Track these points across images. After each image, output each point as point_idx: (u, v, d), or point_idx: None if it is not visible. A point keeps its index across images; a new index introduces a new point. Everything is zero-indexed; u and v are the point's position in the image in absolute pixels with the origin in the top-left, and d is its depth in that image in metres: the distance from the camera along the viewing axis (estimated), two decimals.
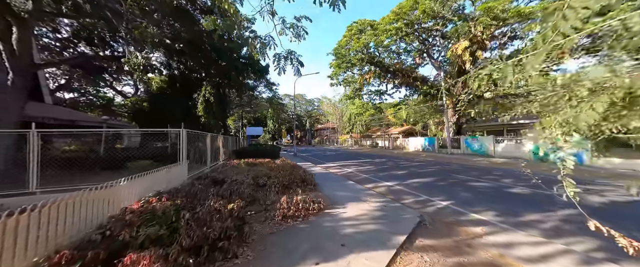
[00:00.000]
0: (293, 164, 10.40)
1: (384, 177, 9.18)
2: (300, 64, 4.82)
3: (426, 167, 12.14)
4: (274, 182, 6.45)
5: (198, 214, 3.12)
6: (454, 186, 7.31)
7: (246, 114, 42.95)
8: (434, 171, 10.61)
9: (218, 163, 11.29)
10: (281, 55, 4.63)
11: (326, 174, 9.84)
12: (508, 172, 10.03)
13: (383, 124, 43.58)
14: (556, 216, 4.47)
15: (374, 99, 31.79)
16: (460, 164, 13.30)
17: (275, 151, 15.98)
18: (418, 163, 14.13)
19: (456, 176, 9.06)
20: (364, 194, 6.13)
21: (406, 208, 4.92)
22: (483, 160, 15.82)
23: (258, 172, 8.21)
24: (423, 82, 23.06)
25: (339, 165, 13.98)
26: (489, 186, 7.27)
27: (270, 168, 9.05)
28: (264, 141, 52.21)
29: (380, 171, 10.92)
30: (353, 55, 21.69)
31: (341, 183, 7.78)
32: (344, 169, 12.03)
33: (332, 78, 26.78)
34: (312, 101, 78.34)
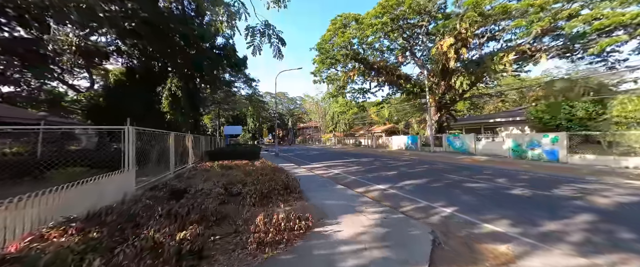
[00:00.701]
0: (274, 167, 9.27)
1: (374, 179, 8.43)
2: (281, 43, 3.80)
3: (414, 166, 11.68)
4: (251, 190, 5.32)
5: (119, 257, 1.97)
6: (451, 188, 6.75)
7: (224, 112, 40.39)
8: (424, 171, 10.13)
9: (186, 167, 9.78)
10: (257, 30, 3.55)
11: (312, 177, 8.87)
12: (498, 171, 9.84)
13: (366, 123, 43.66)
14: (577, 224, 3.95)
15: (357, 97, 31.37)
16: (446, 163, 13.09)
17: (254, 151, 14.64)
18: (405, 162, 13.72)
19: (449, 176, 8.60)
20: (358, 202, 5.26)
21: (410, 221, 4.11)
22: (466, 158, 15.92)
23: (232, 177, 7.00)
24: (406, 80, 23.01)
25: (325, 166, 13.09)
26: (486, 187, 6.81)
27: (247, 172, 7.85)
28: (244, 140, 49.75)
29: (369, 172, 10.21)
30: (337, 51, 20.89)
31: (329, 188, 6.85)
32: (331, 170, 11.16)
33: (316, 75, 25.81)
34: (294, 99, 76.73)
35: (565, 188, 6.45)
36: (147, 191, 5.12)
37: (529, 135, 14.67)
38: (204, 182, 5.88)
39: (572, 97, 13.97)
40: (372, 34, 17.63)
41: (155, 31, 8.37)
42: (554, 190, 6.27)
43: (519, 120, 20.18)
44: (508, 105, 39.72)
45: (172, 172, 7.66)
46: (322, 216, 4.24)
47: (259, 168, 8.90)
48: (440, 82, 19.77)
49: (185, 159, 10.18)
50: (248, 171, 7.89)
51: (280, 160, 16.19)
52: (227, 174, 7.59)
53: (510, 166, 11.92)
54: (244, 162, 11.32)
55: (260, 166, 10.30)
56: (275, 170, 7.94)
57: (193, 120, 16.17)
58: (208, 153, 13.41)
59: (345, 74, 25.13)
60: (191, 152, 10.78)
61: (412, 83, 22.61)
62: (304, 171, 10.53)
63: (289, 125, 71.12)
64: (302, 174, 9.73)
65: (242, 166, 10.24)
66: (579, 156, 12.19)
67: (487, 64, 15.46)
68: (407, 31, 19.22)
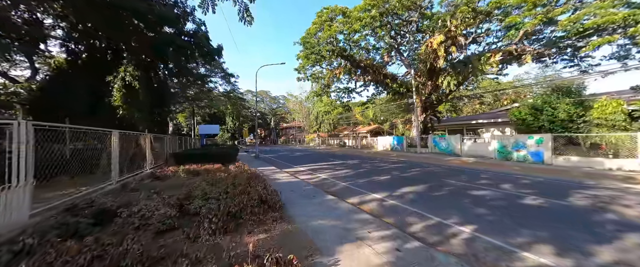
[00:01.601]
0: (251, 172, 7.86)
1: (367, 186, 7.38)
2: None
3: (407, 170, 10.88)
4: (213, 208, 3.95)
5: None
6: (457, 198, 5.87)
7: (200, 109, 37.42)
8: (418, 175, 9.31)
9: (141, 173, 8.01)
10: None
11: (296, 184, 7.59)
12: (494, 174, 9.30)
13: (351, 123, 43.15)
14: (635, 250, 3.13)
15: (342, 96, 30.59)
16: (437, 165, 12.52)
17: (230, 153, 12.99)
18: (395, 165, 12.93)
19: (447, 182, 7.80)
20: (356, 221, 4.11)
21: (433, 253, 3.03)
22: (453, 159, 15.62)
23: (194, 188, 5.50)
24: (393, 79, 22.54)
25: (310, 169, 11.85)
26: (495, 195, 6.04)
27: (215, 180, 6.38)
28: (222, 140, 46.78)
29: (360, 177, 9.17)
30: (323, 46, 19.77)
31: (318, 199, 5.64)
32: (317, 175, 9.95)
33: (299, 71, 24.46)
34: (277, 98, 74.49)
35: (577, 196, 5.87)
36: (55, 215, 3.52)
37: (514, 136, 14.68)
38: (149, 198, 4.37)
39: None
40: (360, 28, 16.76)
41: (97, 4, 6.53)
42: (568, 198, 5.64)
43: (500, 122, 20.56)
44: (484, 107, 41.53)
45: (114, 181, 5.95)
46: (312, 249, 3.01)
47: (232, 174, 7.44)
48: (426, 82, 19.48)
49: (140, 163, 8.37)
50: (217, 179, 6.42)
51: (260, 163, 14.67)
52: (190, 183, 6.06)
53: (500, 167, 11.60)
54: (215, 166, 9.73)
55: (235, 171, 8.82)
56: (251, 177, 6.55)
57: (159, 117, 14.09)
58: (174, 156, 11.55)
59: (330, 72, 24.11)
60: (149, 155, 8.97)
61: (399, 83, 22.19)
62: (287, 176, 9.21)
63: (271, 125, 68.78)
64: (284, 180, 8.41)
65: (212, 172, 8.68)
66: (563, 158, 12.23)
67: (474, 64, 15.28)
68: (395, 28, 18.65)
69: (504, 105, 39.69)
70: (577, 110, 13.29)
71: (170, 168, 9.44)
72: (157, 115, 13.59)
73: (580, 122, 13.11)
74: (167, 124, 17.93)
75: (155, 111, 13.00)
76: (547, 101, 14.49)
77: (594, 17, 10.41)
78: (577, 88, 14.45)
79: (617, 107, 11.91)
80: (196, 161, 11.61)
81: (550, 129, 13.93)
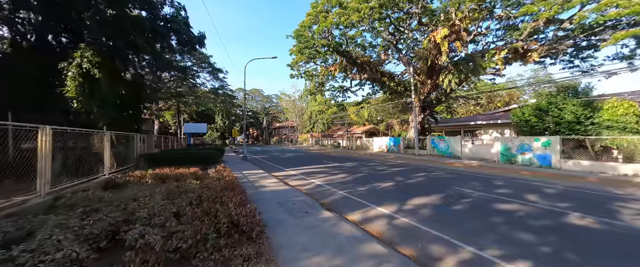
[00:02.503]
0: (230, 179, 6.51)
1: (369, 196, 6.19)
2: None
3: (410, 174, 9.78)
4: (154, 241, 2.63)
5: None
6: (484, 214, 4.76)
7: (186, 107, 35.40)
8: (425, 181, 8.21)
9: (93, 180, 6.52)
10: None
11: (285, 194, 6.30)
12: (508, 181, 8.30)
13: (345, 123, 42.11)
14: None
15: (337, 95, 29.48)
16: (440, 169, 11.51)
17: (212, 154, 11.56)
18: (395, 168, 11.84)
19: (462, 190, 6.72)
20: (366, 257, 2.88)
21: None
22: (455, 162, 14.71)
23: (146, 203, 4.13)
24: (390, 78, 21.56)
25: (302, 173, 10.58)
26: (530, 211, 4.96)
27: (180, 191, 5.01)
28: (211, 140, 44.72)
29: (359, 183, 7.97)
30: (317, 39, 18.52)
31: (312, 218, 4.38)
32: (310, 180, 8.69)
33: (293, 68, 23.13)
34: (270, 97, 72.68)
35: (625, 212, 4.86)
36: None
37: (519, 139, 13.89)
38: (62, 226, 2.97)
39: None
40: (358, 20, 15.60)
41: None
42: (617, 215, 4.62)
43: (500, 123, 19.92)
44: (478, 109, 41.39)
45: (42, 193, 4.50)
46: None
47: (206, 183, 6.08)
48: (426, 81, 18.57)
49: (94, 168, 6.87)
50: (182, 190, 5.04)
51: (247, 165, 13.27)
52: (144, 195, 4.67)
53: (508, 172, 10.71)
54: (191, 170, 8.30)
55: (214, 176, 7.45)
56: (226, 187, 5.22)
57: (133, 113, 12.51)
58: (145, 157, 10.02)
59: (325, 69, 22.91)
60: (108, 158, 7.46)
61: (396, 81, 21.23)
62: (275, 182, 7.90)
63: (264, 125, 66.97)
64: (271, 187, 7.10)
65: (183, 178, 7.28)
66: (573, 162, 11.47)
67: (477, 61, 14.43)
68: (394, 23, 17.63)
69: (498, 107, 39.77)
70: (584, 111, 12.58)
71: (137, 173, 7.95)
72: (131, 111, 12.01)
73: (587, 124, 12.40)
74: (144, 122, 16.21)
75: (127, 106, 11.42)
76: (552, 102, 13.77)
77: (616, 8, 9.65)
78: (585, 89, 13.82)
79: (629, 109, 11.24)
80: (172, 163, 10.13)
81: (556, 131, 13.21)
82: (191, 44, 11.32)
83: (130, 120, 11.84)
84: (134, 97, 12.62)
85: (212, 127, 43.21)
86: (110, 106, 8.84)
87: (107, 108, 8.63)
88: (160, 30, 9.54)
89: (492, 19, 17.01)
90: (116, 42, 8.64)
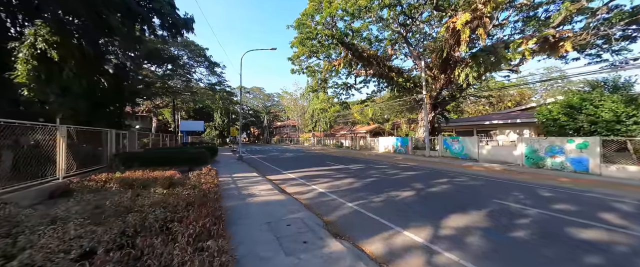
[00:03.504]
0: (208, 188, 5.07)
1: (388, 211, 4.73)
2: None
3: (429, 180, 8.28)
4: None
5: None
6: (572, 252, 3.27)
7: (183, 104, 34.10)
8: (451, 191, 6.71)
9: (38, 185, 5.13)
10: None
11: (278, 208, 4.84)
12: (565, 194, 6.76)
13: (348, 122, 40.59)
14: None
15: (340, 93, 28.01)
16: (461, 173, 9.99)
17: (200, 155, 10.15)
18: (409, 172, 10.35)
19: (507, 205, 5.21)
20: None
21: None
22: (473, 165, 13.17)
23: (60, 227, 2.68)
24: (398, 73, 20.03)
25: (303, 176, 9.12)
26: (630, 243, 3.46)
27: (122, 210, 3.56)
28: (210, 138, 43.44)
29: (371, 191, 6.50)
30: (320, 28, 17.02)
31: (314, 256, 2.91)
32: (311, 186, 7.23)
33: (294, 62, 21.68)
34: (271, 96, 71.32)
35: None
36: None
37: (547, 140, 12.30)
38: None
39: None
40: (367, 3, 14.08)
41: None
42: None
43: (519, 123, 18.31)
44: (488, 108, 39.62)
45: None
46: None
47: (174, 192, 4.65)
48: (438, 76, 17.02)
49: (42, 169, 5.48)
50: (125, 208, 3.58)
51: (240, 167, 11.85)
52: (61, 217, 3.23)
53: (542, 178, 9.16)
54: (167, 174, 6.90)
55: (193, 181, 6.03)
56: (196, 201, 3.76)
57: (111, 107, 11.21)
58: (121, 157, 8.63)
59: (329, 63, 21.44)
60: (64, 157, 6.07)
61: (405, 77, 19.68)
62: (269, 190, 6.44)
63: (264, 124, 65.65)
64: (263, 196, 5.64)
65: (156, 183, 5.88)
66: (617, 167, 9.88)
67: (499, 53, 12.86)
68: (405, 11, 16.07)
69: (508, 106, 37.94)
70: (627, 109, 10.98)
71: (103, 176, 6.56)
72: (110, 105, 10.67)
73: (630, 123, 10.79)
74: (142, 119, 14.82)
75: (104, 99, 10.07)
76: (587, 98, 12.16)
77: None
78: (625, 83, 12.20)
79: None
80: (154, 164, 8.77)
81: (591, 132, 11.61)
82: (176, 28, 9.90)
83: (107, 115, 10.48)
84: (114, 88, 11.26)
85: (210, 125, 41.90)
86: (74, 96, 7.43)
87: (70, 98, 7.23)
88: (135, 9, 8.12)
89: (512, 8, 15.42)
90: (82, 19, 7.24)
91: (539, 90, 43.81)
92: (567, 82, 40.83)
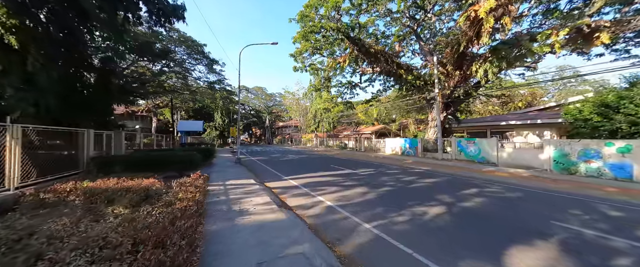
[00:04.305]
0: (188, 204, 3.92)
1: (422, 239, 3.54)
2: None
3: (455, 190, 7.06)
4: None
5: None
6: None
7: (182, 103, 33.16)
8: (490, 206, 5.49)
9: None
10: None
11: (274, 236, 3.66)
12: (623, 208, 5.50)
13: (352, 123, 39.37)
14: None
15: (344, 92, 26.82)
16: (487, 180, 8.73)
17: (189, 159, 9.04)
18: (426, 178, 9.12)
19: (578, 231, 3.98)
20: None
21: None
22: (495, 171, 11.88)
23: None
24: (408, 70, 18.79)
25: (306, 184, 7.95)
26: None
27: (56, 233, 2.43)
28: (210, 138, 42.50)
29: (390, 205, 5.31)
30: (325, 22, 15.87)
31: None
32: (317, 198, 6.06)
33: (296, 59, 20.54)
34: (273, 96, 70.35)
35: None
36: None
37: (581, 142, 10.98)
38: None
39: None
40: None
41: None
42: None
43: (540, 124, 16.93)
44: (498, 108, 38.07)
45: None
46: None
47: (139, 213, 3.52)
48: (453, 73, 15.76)
49: None
50: (42, 251, 2.44)
51: (237, 171, 10.73)
52: None
53: (583, 187, 7.88)
54: (145, 183, 5.78)
55: (171, 195, 4.91)
56: (149, 239, 2.60)
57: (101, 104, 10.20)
58: (98, 161, 7.55)
59: (333, 60, 20.28)
60: (16, 163, 4.98)
61: (415, 74, 18.44)
62: (265, 205, 5.27)
63: (266, 124, 64.66)
64: (257, 215, 4.46)
65: (124, 197, 4.76)
66: None
67: (524, 45, 11.58)
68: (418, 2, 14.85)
69: (519, 107, 36.33)
70: None
71: (68, 185, 5.47)
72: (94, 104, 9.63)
73: None
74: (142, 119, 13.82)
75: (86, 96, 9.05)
76: (625, 96, 10.81)
77: None
78: None
79: None
80: (136, 170, 7.70)
81: (631, 134, 10.27)
82: (165, 15, 8.81)
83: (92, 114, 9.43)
84: (100, 85, 10.23)
85: (211, 126, 40.98)
86: (41, 90, 6.35)
87: (34, 92, 6.14)
88: None
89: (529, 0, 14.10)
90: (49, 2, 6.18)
91: (551, 90, 42.11)
92: (581, 81, 39.16)
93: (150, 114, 39.79)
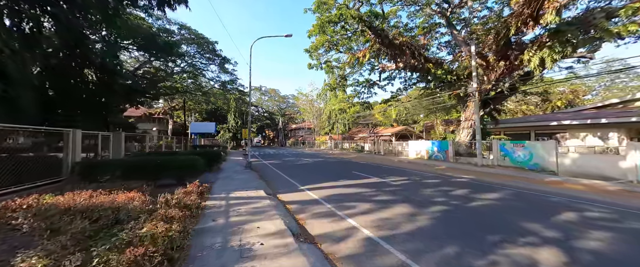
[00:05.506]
0: (152, 245, 2.40)
1: None
2: None
3: (542, 215, 5.08)
4: None
5: None
6: None
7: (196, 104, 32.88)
8: (619, 245, 3.51)
9: None
10: None
11: None
12: None
13: (369, 124, 37.25)
14: None
15: (361, 92, 24.95)
16: (570, 197, 6.57)
17: (190, 164, 7.72)
18: (483, 193, 7.10)
19: None
20: None
21: None
22: (563, 181, 9.53)
23: None
24: (437, 64, 16.68)
25: (327, 196, 6.28)
26: None
27: None
28: (223, 140, 42.20)
29: (461, 239, 3.50)
30: (345, 10, 14.24)
31: None
32: (347, 221, 4.35)
33: (311, 55, 19.09)
34: (286, 97, 69.69)
35: None
36: None
37: None
38: None
39: None
40: None
41: None
42: None
43: (604, 124, 14.09)
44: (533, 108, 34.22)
45: None
46: None
47: None
48: (496, 64, 13.48)
49: None
50: None
51: (246, 178, 9.30)
52: None
53: None
54: (129, 195, 4.43)
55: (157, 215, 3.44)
56: None
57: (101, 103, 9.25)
58: (82, 167, 6.39)
59: (352, 55, 18.61)
60: None
61: (445, 68, 16.29)
62: (277, 234, 3.66)
63: (279, 126, 63.97)
64: (264, 259, 2.85)
65: (87, 220, 3.33)
66: None
67: (598, 25, 9.23)
68: None
69: (558, 106, 32.26)
70: None
71: (27, 199, 4.24)
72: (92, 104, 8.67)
73: None
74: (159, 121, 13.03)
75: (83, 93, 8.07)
76: None
77: None
78: None
79: None
80: (128, 177, 6.50)
81: None
82: (168, 4, 7.61)
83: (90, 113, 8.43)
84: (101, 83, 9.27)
85: (224, 127, 40.63)
86: (13, 84, 5.21)
87: (19, 88, 5.02)
88: None
89: None
90: None
91: (596, 87, 37.42)
92: (634, 76, 34.30)
93: (166, 116, 40.23)
